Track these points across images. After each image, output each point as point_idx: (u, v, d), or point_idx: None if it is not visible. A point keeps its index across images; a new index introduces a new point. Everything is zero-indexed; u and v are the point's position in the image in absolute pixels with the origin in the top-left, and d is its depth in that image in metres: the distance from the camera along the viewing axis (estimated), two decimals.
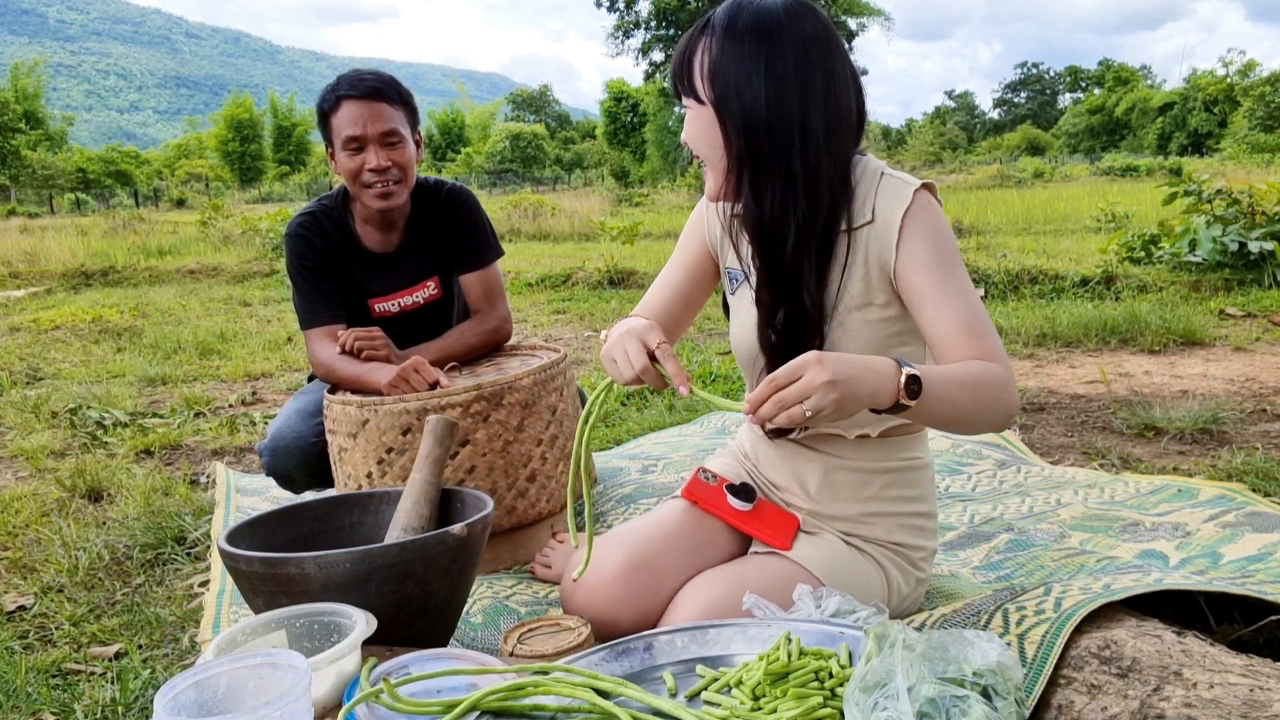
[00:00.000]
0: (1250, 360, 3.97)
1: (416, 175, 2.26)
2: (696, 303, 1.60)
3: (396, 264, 2.31)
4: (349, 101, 2.11)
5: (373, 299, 2.31)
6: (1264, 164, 24.97)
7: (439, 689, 1.13)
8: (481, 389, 1.94)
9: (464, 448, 1.95)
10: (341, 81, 2.16)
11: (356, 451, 1.98)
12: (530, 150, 55.78)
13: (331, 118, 2.15)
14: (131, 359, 5.34)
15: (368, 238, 2.29)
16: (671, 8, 38.59)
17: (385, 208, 2.18)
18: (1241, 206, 6.18)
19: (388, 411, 1.92)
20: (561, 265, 8.55)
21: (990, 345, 1.31)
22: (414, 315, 2.35)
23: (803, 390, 1.12)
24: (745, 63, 1.32)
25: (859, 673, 0.99)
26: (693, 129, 1.39)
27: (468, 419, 1.93)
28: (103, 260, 10.78)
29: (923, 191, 1.38)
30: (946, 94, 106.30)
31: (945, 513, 2.27)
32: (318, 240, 2.23)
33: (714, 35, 1.34)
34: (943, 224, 1.39)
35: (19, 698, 1.68)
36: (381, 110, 2.12)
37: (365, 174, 2.13)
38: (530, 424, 2.02)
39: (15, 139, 42.52)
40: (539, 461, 2.05)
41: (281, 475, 2.25)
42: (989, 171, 27.35)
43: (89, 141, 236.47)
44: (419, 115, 2.27)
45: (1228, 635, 1.45)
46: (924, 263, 1.35)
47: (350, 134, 2.11)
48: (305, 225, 2.24)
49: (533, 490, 2.05)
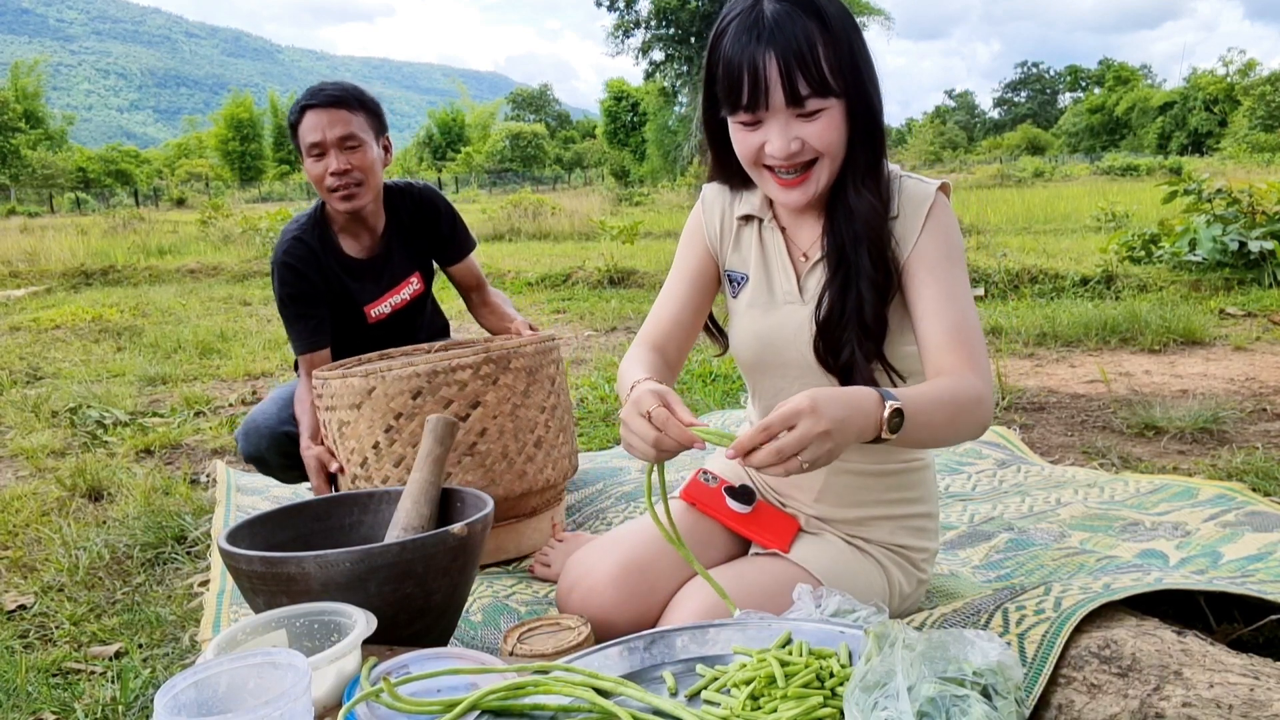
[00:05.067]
0: (1250, 360, 3.97)
1: (382, 179, 2.33)
2: (704, 310, 1.59)
3: (382, 266, 2.39)
4: (311, 111, 2.21)
5: (367, 305, 2.39)
6: (1264, 163, 24.99)
7: (439, 688, 1.13)
8: (490, 351, 1.98)
9: (475, 410, 1.96)
10: (305, 94, 2.26)
11: (361, 423, 1.97)
12: (530, 150, 55.80)
13: (298, 128, 2.25)
14: (131, 358, 5.34)
15: (349, 246, 2.36)
16: (671, 7, 38.55)
17: (349, 209, 2.25)
18: (1241, 206, 6.19)
19: (396, 376, 1.93)
20: (562, 265, 8.54)
21: (974, 353, 1.32)
22: (403, 312, 2.45)
23: (801, 440, 1.10)
24: (857, 49, 1.31)
25: (859, 672, 0.99)
26: (820, 126, 1.30)
27: (477, 380, 1.96)
28: (103, 260, 10.78)
29: (940, 192, 1.41)
30: (946, 93, 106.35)
31: (945, 512, 2.27)
32: (303, 265, 2.30)
33: (823, 24, 1.28)
34: (954, 226, 1.41)
35: (19, 697, 1.68)
36: (340, 116, 2.21)
37: (328, 178, 2.22)
38: (535, 391, 2.05)
39: (15, 138, 42.55)
40: (544, 429, 2.08)
41: (255, 458, 2.31)
42: (989, 171, 27.35)
43: (89, 141, 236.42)
44: (385, 121, 2.34)
45: (1228, 635, 1.45)
46: (932, 261, 1.36)
47: (312, 140, 2.21)
48: (289, 251, 2.30)
49: (540, 456, 2.07)
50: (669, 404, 1.22)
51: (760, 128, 1.32)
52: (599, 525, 2.28)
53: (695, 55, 38.83)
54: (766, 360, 1.50)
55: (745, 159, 1.37)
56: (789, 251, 1.48)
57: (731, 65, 1.29)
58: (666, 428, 1.19)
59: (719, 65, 1.32)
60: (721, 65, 1.31)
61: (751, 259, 1.51)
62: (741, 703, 1.05)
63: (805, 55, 1.26)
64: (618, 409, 3.60)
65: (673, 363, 1.53)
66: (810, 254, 1.46)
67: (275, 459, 2.28)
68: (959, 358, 1.30)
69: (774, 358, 1.49)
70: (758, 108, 1.29)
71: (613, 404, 3.72)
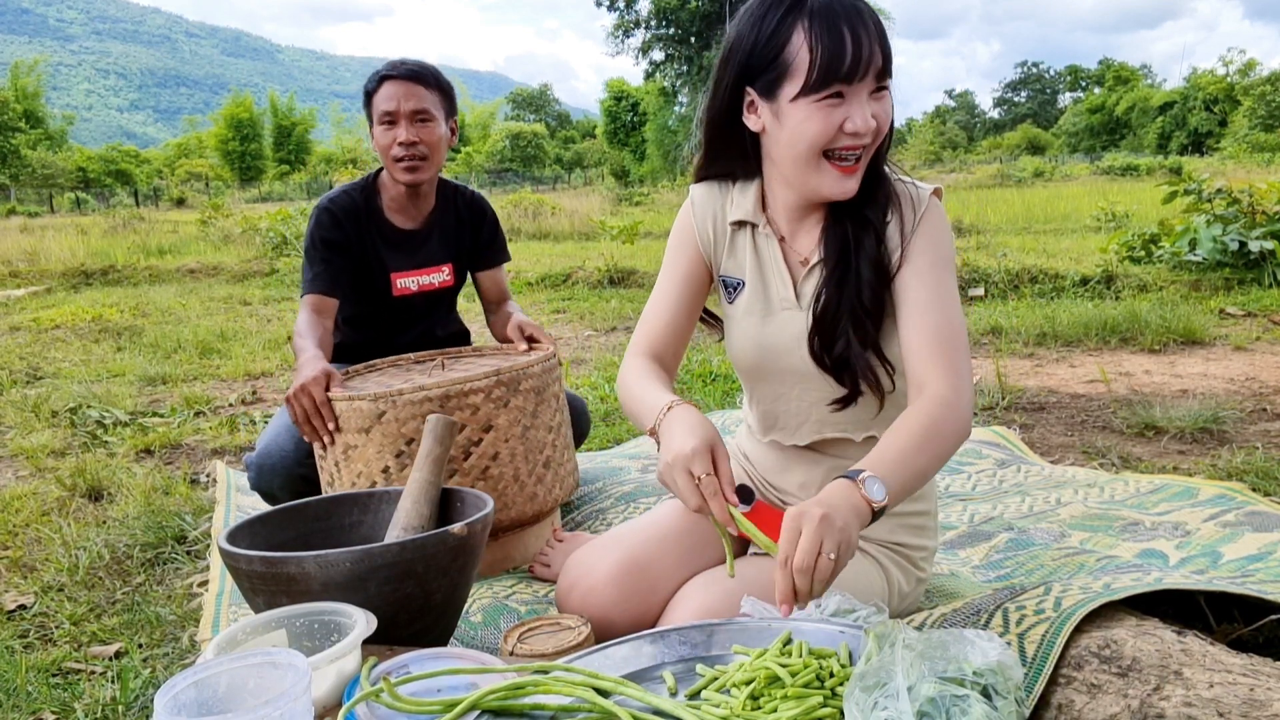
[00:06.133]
0: (1250, 359, 3.98)
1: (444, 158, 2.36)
2: (696, 312, 1.58)
3: (420, 242, 2.41)
4: (389, 81, 2.26)
5: (395, 272, 2.39)
6: (1264, 163, 25.00)
7: (439, 688, 1.13)
8: (500, 374, 1.95)
9: (488, 433, 1.94)
10: (387, 65, 2.31)
11: (370, 448, 1.91)
12: (530, 150, 55.80)
13: (374, 96, 2.28)
14: (131, 358, 5.34)
15: (394, 217, 2.39)
16: (671, 7, 38.58)
17: (410, 180, 2.28)
18: (1241, 206, 6.19)
19: (407, 401, 1.89)
20: (562, 264, 8.55)
21: (954, 360, 1.31)
22: (428, 297, 2.45)
23: (814, 540, 1.09)
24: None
25: (859, 672, 0.99)
26: (887, 105, 1.34)
27: (489, 404, 1.93)
28: (103, 259, 10.78)
29: (934, 197, 1.41)
30: (946, 93, 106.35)
31: (945, 512, 2.27)
32: (343, 214, 2.32)
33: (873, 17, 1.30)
34: (946, 231, 1.41)
35: (19, 697, 1.68)
36: (416, 90, 2.25)
37: (395, 148, 2.25)
38: (543, 410, 2.04)
39: (15, 138, 42.53)
40: (551, 449, 2.06)
41: (264, 494, 2.24)
42: (989, 171, 27.38)
43: (89, 141, 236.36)
44: (456, 104, 2.39)
45: (1228, 635, 1.45)
46: (921, 266, 1.36)
47: (385, 109, 2.24)
48: (334, 199, 2.35)
49: (549, 476, 2.06)
50: (717, 462, 1.23)
51: (842, 105, 1.30)
52: (599, 525, 2.28)
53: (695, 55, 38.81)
54: (765, 366, 1.50)
55: (817, 142, 1.32)
56: (785, 258, 1.47)
57: (832, 37, 1.26)
58: (711, 503, 1.21)
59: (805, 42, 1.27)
60: (815, 39, 1.27)
61: (747, 265, 1.50)
62: (741, 703, 1.05)
63: (884, 34, 1.30)
64: (618, 409, 3.60)
65: (670, 369, 1.53)
66: (810, 258, 1.45)
67: (286, 497, 2.19)
68: (938, 366, 1.30)
69: (772, 364, 1.48)
70: (854, 79, 1.28)
71: (613, 404, 3.72)
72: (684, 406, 1.30)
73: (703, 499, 1.21)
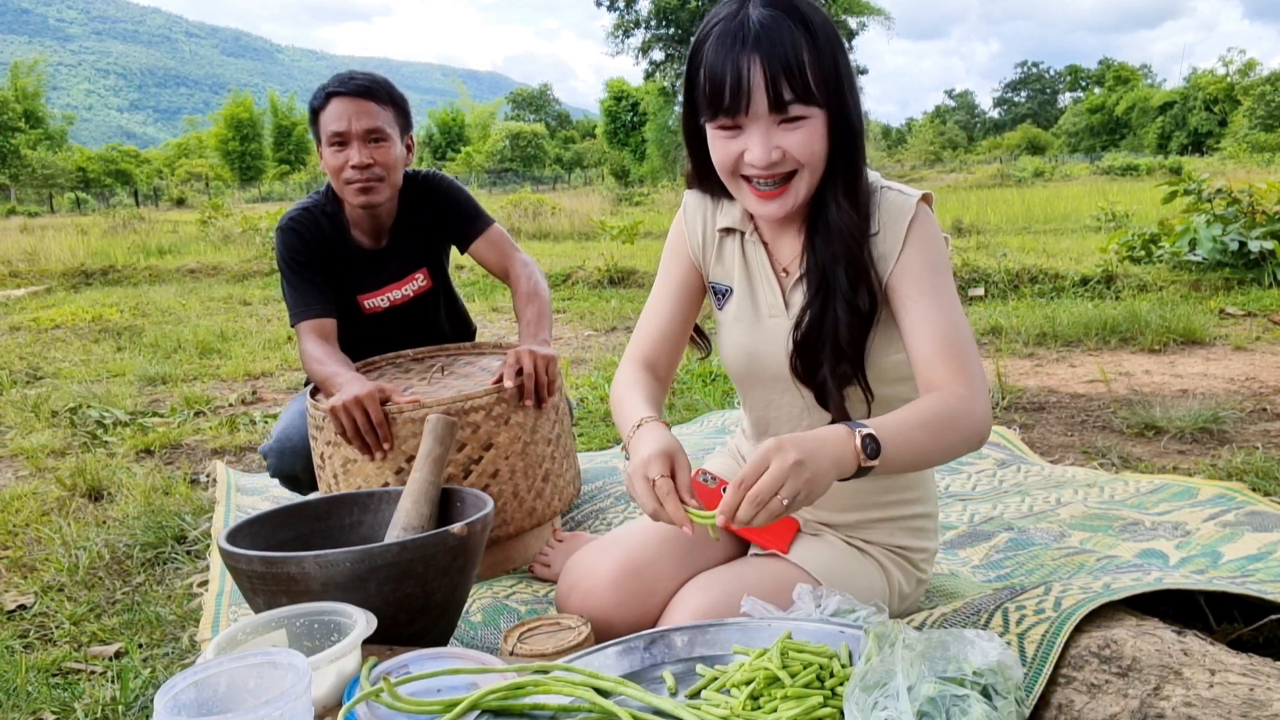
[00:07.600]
0: (1250, 359, 3.98)
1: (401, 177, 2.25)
2: (691, 320, 1.59)
3: (385, 259, 2.31)
4: (337, 99, 2.12)
5: (361, 295, 2.31)
6: (1264, 163, 24.99)
7: (439, 688, 1.13)
8: (503, 392, 1.91)
9: (488, 451, 1.92)
10: (333, 80, 2.17)
11: (370, 464, 1.89)
12: (530, 149, 55.77)
13: (320, 114, 2.16)
14: (131, 358, 5.34)
15: (357, 235, 2.29)
16: (672, 7, 38.56)
17: (365, 203, 2.17)
18: (1241, 206, 6.19)
19: (408, 419, 1.85)
20: (562, 264, 8.54)
21: (965, 364, 1.30)
22: (404, 309, 2.36)
23: (775, 479, 1.10)
24: (840, 62, 1.29)
25: (859, 672, 0.99)
26: (802, 136, 1.28)
27: (490, 421, 1.90)
28: (103, 259, 10.78)
29: (923, 203, 1.39)
30: (946, 93, 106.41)
31: (945, 512, 2.27)
32: (309, 234, 2.23)
33: (809, 34, 1.25)
34: (938, 236, 1.39)
35: (19, 697, 1.68)
36: (368, 108, 2.12)
37: (347, 170, 2.13)
38: (541, 424, 2.01)
39: (15, 138, 42.53)
40: (550, 461, 2.05)
41: (287, 476, 2.24)
42: (989, 171, 27.38)
43: (89, 141, 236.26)
44: (411, 118, 2.27)
45: (1228, 635, 1.45)
46: (916, 274, 1.35)
47: (335, 129, 2.11)
48: (297, 220, 2.25)
49: (548, 490, 2.05)
50: (675, 469, 1.24)
51: (740, 135, 1.29)
52: (598, 525, 2.28)
53: None
54: (754, 373, 1.50)
55: (723, 168, 1.34)
56: (772, 265, 1.47)
57: (715, 69, 1.26)
58: (665, 503, 1.21)
59: (700, 70, 1.29)
60: (704, 70, 1.28)
61: (735, 272, 1.49)
62: (741, 703, 1.05)
63: (791, 62, 1.24)
64: None
65: (664, 378, 1.53)
66: (791, 269, 1.44)
67: (309, 478, 2.21)
68: (949, 370, 1.29)
69: (761, 371, 1.48)
70: (738, 113, 1.26)
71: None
72: (652, 424, 1.32)
73: (658, 502, 1.21)
